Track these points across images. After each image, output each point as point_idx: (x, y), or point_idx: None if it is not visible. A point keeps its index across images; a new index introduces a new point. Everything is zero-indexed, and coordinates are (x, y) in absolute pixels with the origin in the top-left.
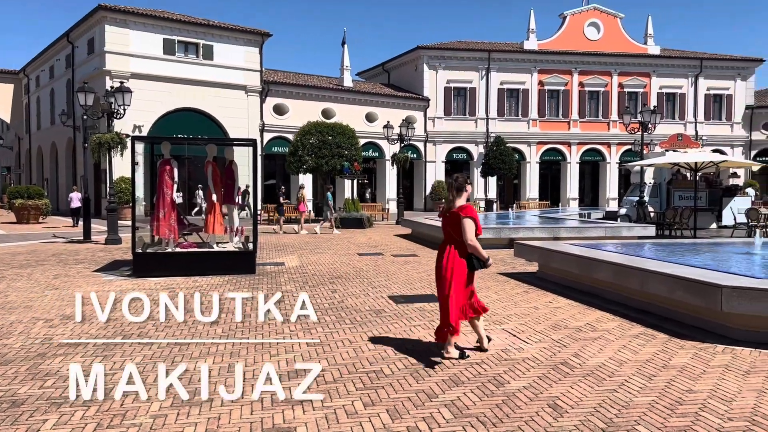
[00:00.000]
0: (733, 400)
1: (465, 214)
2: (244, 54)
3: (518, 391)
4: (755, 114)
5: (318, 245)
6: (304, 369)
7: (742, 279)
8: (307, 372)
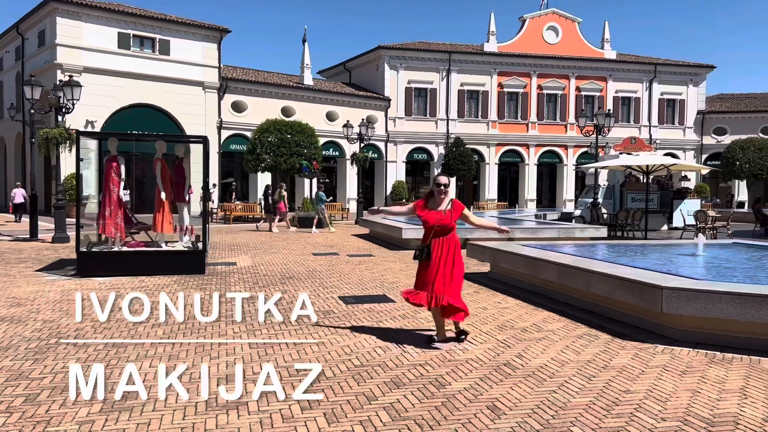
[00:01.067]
0: (668, 400)
1: (458, 205)
2: (201, 50)
3: (459, 392)
4: (706, 119)
5: (273, 245)
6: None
7: (682, 280)
8: (255, 375)
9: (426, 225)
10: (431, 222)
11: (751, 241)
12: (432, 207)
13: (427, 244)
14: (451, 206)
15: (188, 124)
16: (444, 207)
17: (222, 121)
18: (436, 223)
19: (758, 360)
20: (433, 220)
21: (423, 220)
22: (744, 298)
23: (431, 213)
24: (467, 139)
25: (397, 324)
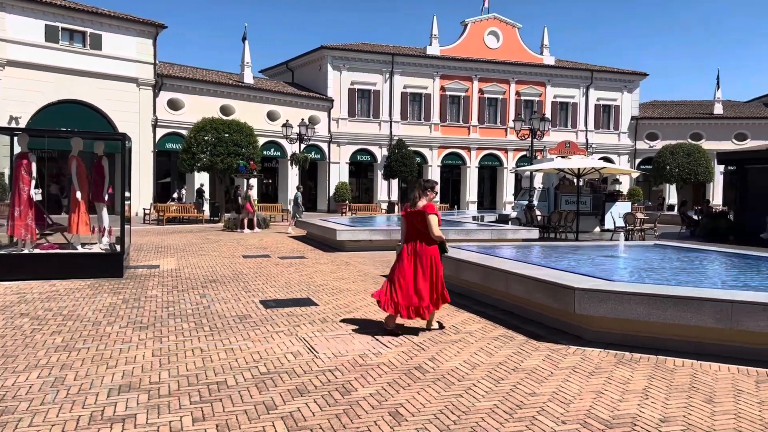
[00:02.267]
0: (572, 402)
1: (430, 211)
2: (136, 45)
3: (363, 399)
4: (639, 124)
5: (203, 247)
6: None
7: (594, 281)
8: (152, 385)
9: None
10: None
11: (673, 243)
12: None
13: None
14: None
15: (121, 122)
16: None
17: (157, 119)
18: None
19: (664, 360)
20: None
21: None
22: (650, 298)
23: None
24: (410, 142)
25: (315, 328)
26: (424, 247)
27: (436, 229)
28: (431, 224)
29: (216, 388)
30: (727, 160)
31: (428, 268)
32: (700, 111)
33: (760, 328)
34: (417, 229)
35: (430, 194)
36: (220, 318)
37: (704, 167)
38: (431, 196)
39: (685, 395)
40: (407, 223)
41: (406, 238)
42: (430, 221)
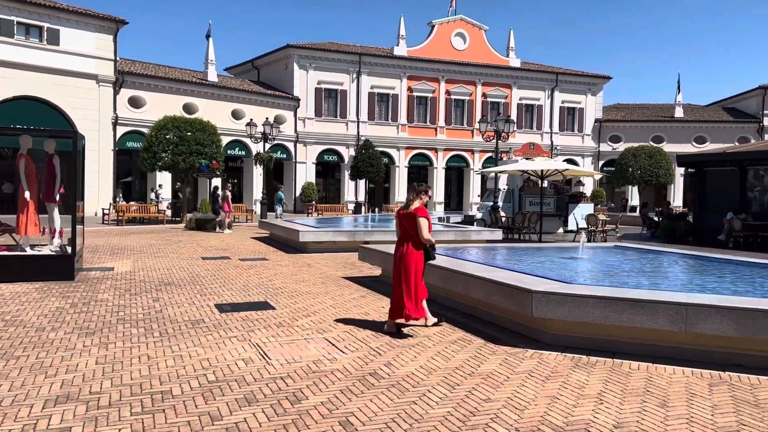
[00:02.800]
0: (526, 408)
1: (420, 215)
2: (95, 41)
3: (314, 407)
4: (603, 127)
5: (162, 248)
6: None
7: (551, 284)
8: (93, 395)
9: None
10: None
11: (633, 244)
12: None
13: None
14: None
15: (80, 119)
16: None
17: (118, 117)
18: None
19: (620, 363)
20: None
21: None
22: (606, 301)
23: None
24: (377, 142)
25: (270, 333)
26: (410, 249)
27: (425, 232)
28: (421, 227)
29: (160, 398)
30: (686, 163)
31: (410, 272)
32: (662, 114)
33: (713, 331)
34: (407, 232)
35: (424, 197)
36: (172, 323)
37: (665, 169)
38: (425, 199)
39: (639, 399)
40: (399, 225)
41: (398, 241)
42: (420, 224)
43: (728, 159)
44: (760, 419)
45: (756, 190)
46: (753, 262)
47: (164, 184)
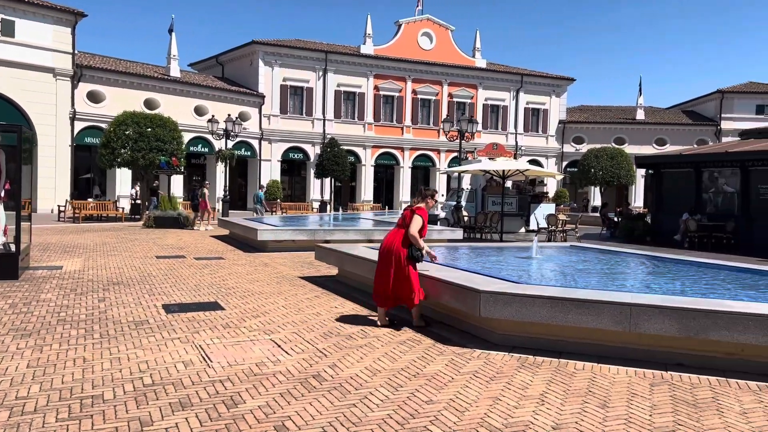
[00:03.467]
0: (467, 410)
1: (419, 212)
2: (53, 33)
3: (250, 412)
4: (566, 128)
5: (116, 246)
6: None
7: (501, 284)
8: (18, 401)
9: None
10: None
11: (589, 244)
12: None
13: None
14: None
15: (36, 114)
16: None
17: (76, 112)
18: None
19: (566, 363)
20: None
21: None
22: (553, 301)
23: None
24: (344, 140)
25: (215, 334)
26: (397, 244)
27: (414, 229)
28: (413, 222)
29: (90, 403)
30: (644, 164)
31: (390, 267)
32: (624, 116)
33: (656, 331)
34: (401, 227)
35: (430, 201)
36: (115, 324)
37: (626, 170)
38: (430, 203)
39: (580, 400)
40: (400, 220)
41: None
42: (413, 219)
43: (684, 161)
44: (696, 419)
45: (710, 192)
46: (702, 262)
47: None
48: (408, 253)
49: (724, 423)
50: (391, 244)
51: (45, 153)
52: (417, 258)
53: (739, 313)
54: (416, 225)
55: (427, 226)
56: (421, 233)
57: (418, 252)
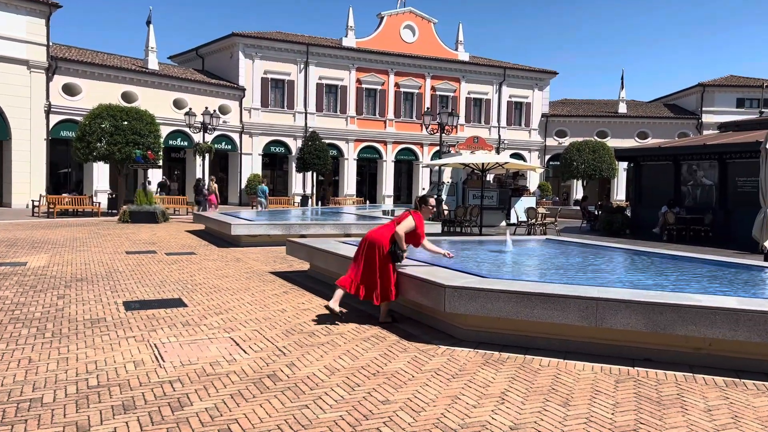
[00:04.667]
0: (424, 410)
1: (413, 214)
2: (26, 25)
3: (195, 414)
4: (549, 122)
5: (87, 242)
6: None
7: (466, 278)
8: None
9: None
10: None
11: (566, 238)
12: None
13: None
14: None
15: (10, 107)
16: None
17: (51, 105)
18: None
19: (531, 359)
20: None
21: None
22: (518, 296)
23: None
24: (326, 134)
25: (173, 332)
26: (385, 237)
27: (401, 229)
28: (404, 222)
29: (27, 407)
30: (623, 157)
31: (369, 254)
32: (606, 110)
33: (623, 326)
34: (395, 223)
35: (425, 209)
36: (70, 322)
37: (608, 164)
38: (426, 211)
39: (542, 398)
40: (396, 218)
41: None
42: (405, 220)
43: (663, 153)
44: (659, 417)
45: (689, 185)
46: (677, 255)
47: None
48: (391, 248)
49: (687, 421)
50: (380, 235)
51: (20, 147)
52: (398, 257)
53: (706, 308)
54: (405, 226)
55: (423, 233)
56: (416, 238)
57: (400, 252)
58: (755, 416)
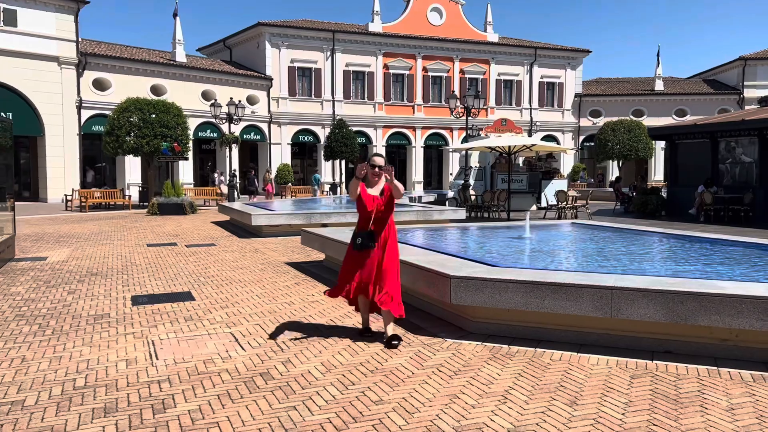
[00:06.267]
0: (419, 410)
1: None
2: (55, 21)
3: (177, 417)
4: (583, 102)
5: (111, 235)
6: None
7: (475, 268)
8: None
9: (364, 210)
10: (369, 207)
11: (594, 222)
12: (370, 190)
13: (369, 230)
14: (383, 190)
15: (42, 103)
16: (378, 191)
17: (82, 100)
18: (373, 209)
19: (542, 353)
20: (371, 206)
21: (362, 203)
22: (528, 286)
23: (369, 197)
24: (354, 121)
25: (174, 328)
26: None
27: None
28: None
29: (6, 410)
30: (657, 135)
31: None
32: (642, 88)
33: (641, 317)
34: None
35: (362, 169)
36: (74, 318)
37: (644, 143)
38: (362, 172)
39: (548, 396)
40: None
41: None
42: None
43: (699, 131)
44: (674, 418)
45: (727, 163)
46: (711, 238)
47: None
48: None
49: (705, 422)
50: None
51: (53, 143)
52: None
53: (731, 296)
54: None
55: (370, 202)
56: (360, 211)
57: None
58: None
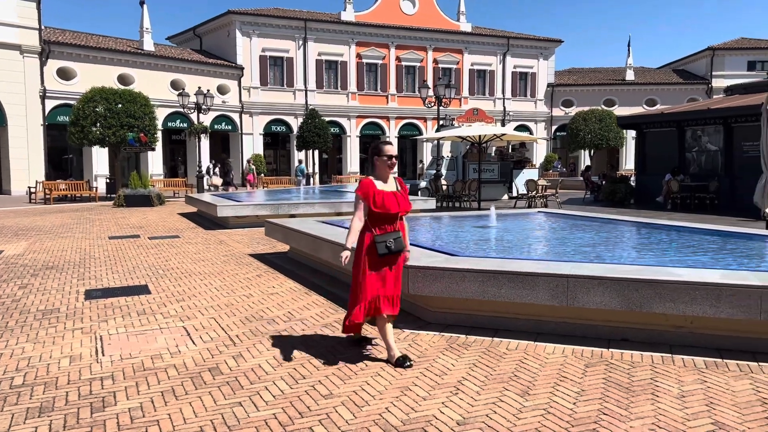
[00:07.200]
0: (367, 404)
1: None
2: (16, 8)
3: (116, 416)
4: (555, 91)
5: (74, 227)
6: None
7: (433, 257)
8: None
9: (387, 212)
10: (393, 210)
11: (560, 210)
12: (383, 187)
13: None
14: (399, 185)
15: (4, 93)
16: (395, 186)
17: (46, 90)
18: (398, 210)
19: (499, 342)
20: (395, 208)
21: (383, 206)
22: (484, 275)
23: (391, 197)
24: (327, 111)
25: (125, 322)
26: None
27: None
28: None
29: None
30: (626, 125)
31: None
32: (614, 77)
33: (596, 305)
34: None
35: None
36: (21, 314)
37: (615, 133)
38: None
39: (501, 387)
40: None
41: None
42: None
43: (666, 119)
44: (625, 406)
45: (694, 151)
46: (675, 225)
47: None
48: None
49: (655, 410)
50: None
51: (16, 133)
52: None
53: (684, 283)
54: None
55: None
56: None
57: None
58: (732, 402)
